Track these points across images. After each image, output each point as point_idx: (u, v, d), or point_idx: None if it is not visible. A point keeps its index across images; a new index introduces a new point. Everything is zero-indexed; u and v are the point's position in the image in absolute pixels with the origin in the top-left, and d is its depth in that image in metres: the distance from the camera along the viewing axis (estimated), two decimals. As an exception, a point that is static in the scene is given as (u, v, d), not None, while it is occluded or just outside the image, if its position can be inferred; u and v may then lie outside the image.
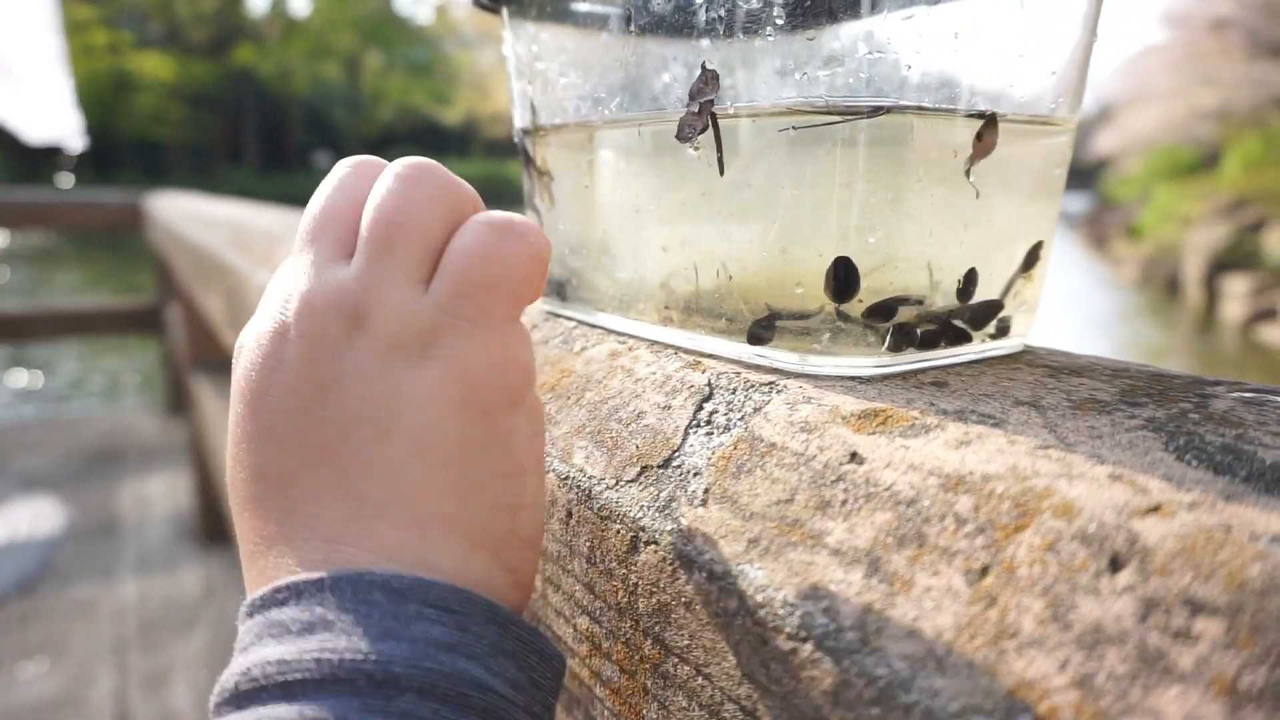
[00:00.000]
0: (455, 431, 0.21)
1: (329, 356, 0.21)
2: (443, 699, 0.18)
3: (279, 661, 0.18)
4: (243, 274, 0.97)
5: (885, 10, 0.24)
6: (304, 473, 0.21)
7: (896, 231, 0.26)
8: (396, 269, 0.21)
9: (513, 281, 0.21)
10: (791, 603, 0.20)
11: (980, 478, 0.19)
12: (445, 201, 0.22)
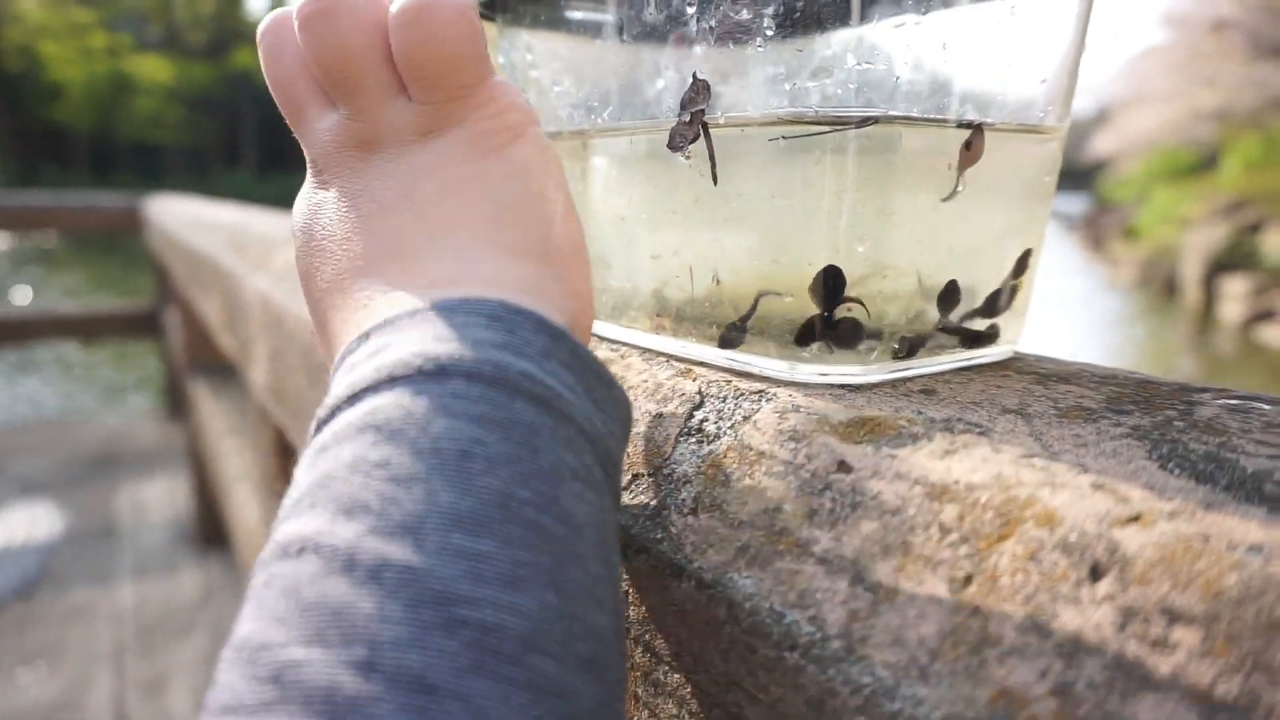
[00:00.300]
0: (471, 171, 0.23)
1: (355, 179, 0.24)
2: (490, 382, 0.19)
3: (348, 384, 0.19)
4: (239, 277, 0.97)
5: (874, 19, 0.24)
6: (364, 261, 0.23)
7: (886, 240, 0.26)
8: (374, 97, 0.23)
9: (456, 53, 0.22)
10: (778, 611, 0.20)
11: (965, 487, 0.19)
12: (372, 21, 0.23)
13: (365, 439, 0.17)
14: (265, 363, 0.82)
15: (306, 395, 0.64)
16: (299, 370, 0.66)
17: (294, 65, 0.24)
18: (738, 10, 0.26)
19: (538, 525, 0.17)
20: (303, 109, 0.25)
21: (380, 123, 0.24)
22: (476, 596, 0.15)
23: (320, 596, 0.15)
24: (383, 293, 0.22)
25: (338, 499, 0.17)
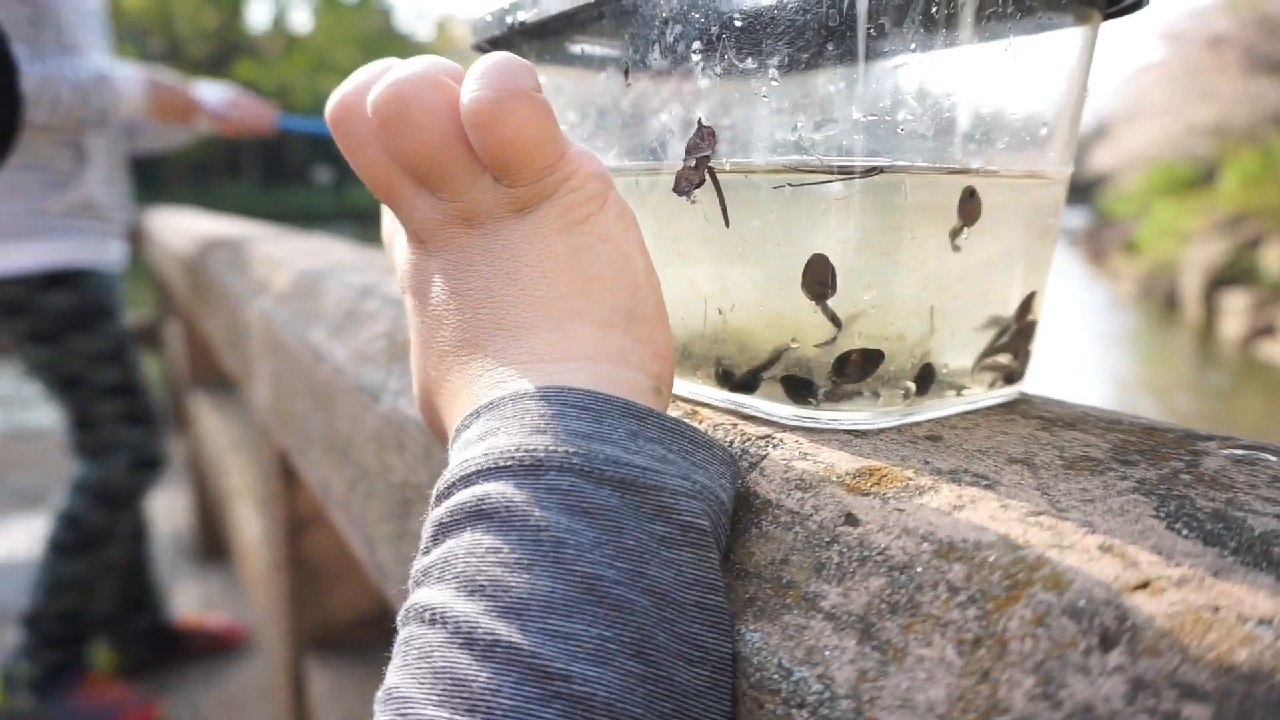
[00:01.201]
0: (562, 245, 0.25)
1: (459, 252, 0.26)
2: (579, 472, 0.21)
3: (461, 463, 0.22)
4: (243, 298, 0.98)
5: (877, 60, 0.24)
6: (473, 334, 0.25)
7: (890, 286, 0.26)
8: (462, 180, 0.25)
9: (534, 143, 0.24)
10: (786, 667, 0.20)
11: (973, 545, 0.19)
12: (443, 112, 0.24)
13: (480, 526, 0.21)
14: (267, 384, 0.82)
15: (309, 419, 0.64)
16: (302, 394, 0.66)
17: (376, 154, 0.25)
18: (743, 59, 0.26)
19: (623, 602, 0.19)
20: (394, 191, 0.26)
21: (474, 202, 0.25)
22: (569, 672, 0.18)
23: (448, 664, 0.19)
24: (490, 369, 0.25)
25: (459, 578, 0.20)
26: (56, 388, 1.47)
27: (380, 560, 0.50)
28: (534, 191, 0.25)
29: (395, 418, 0.45)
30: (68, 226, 1.43)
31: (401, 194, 0.26)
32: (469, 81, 0.23)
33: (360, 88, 0.25)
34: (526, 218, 0.25)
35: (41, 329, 1.42)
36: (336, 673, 1.01)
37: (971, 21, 0.25)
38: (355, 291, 0.67)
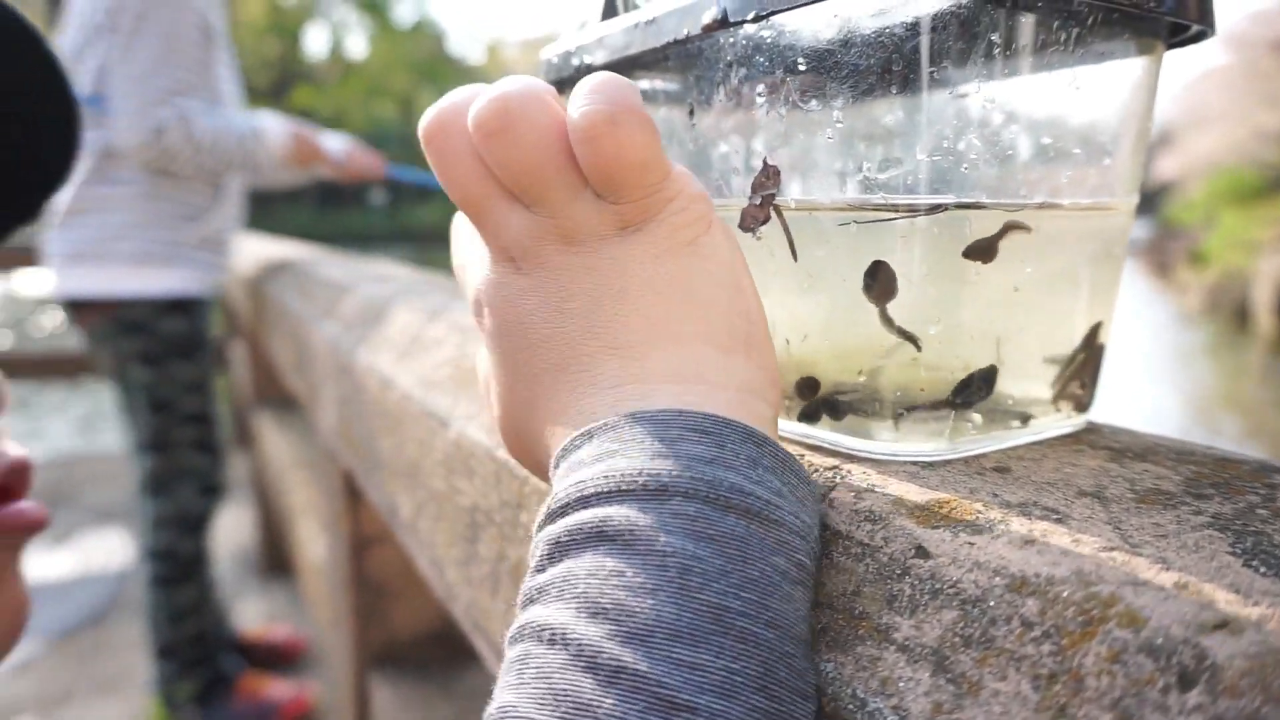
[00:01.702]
0: (675, 266, 0.25)
1: (560, 271, 0.25)
2: (705, 500, 0.21)
3: (578, 483, 0.22)
4: (308, 322, 1.01)
5: (943, 98, 0.25)
6: (582, 351, 0.25)
7: (955, 318, 0.26)
8: (563, 197, 0.24)
9: (642, 161, 0.24)
10: (860, 698, 0.21)
11: (1045, 580, 0.20)
12: (548, 127, 0.24)
13: (602, 548, 0.20)
14: (333, 407, 0.84)
15: (376, 443, 0.66)
16: (369, 418, 0.68)
17: (471, 168, 0.25)
18: (806, 100, 0.27)
19: (748, 634, 0.19)
20: (486, 206, 0.25)
21: (575, 219, 0.25)
22: (695, 704, 0.18)
23: (570, 687, 0.18)
24: (602, 389, 0.24)
25: (580, 599, 0.20)
26: (145, 409, 1.55)
27: (449, 582, 0.51)
28: (639, 209, 0.24)
29: (464, 443, 0.46)
30: (196, 257, 1.55)
31: (493, 210, 0.25)
32: (579, 97, 0.23)
33: (459, 104, 0.25)
34: (632, 237, 0.25)
35: (152, 351, 1.52)
36: (398, 689, 1.03)
37: (1033, 57, 0.25)
38: (420, 317, 0.69)
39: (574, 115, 0.23)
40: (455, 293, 0.82)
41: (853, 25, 0.25)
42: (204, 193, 1.55)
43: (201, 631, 1.65)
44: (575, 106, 0.23)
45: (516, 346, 0.26)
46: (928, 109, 0.25)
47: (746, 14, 0.26)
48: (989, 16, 0.24)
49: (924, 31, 0.24)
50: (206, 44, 1.48)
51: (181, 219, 1.52)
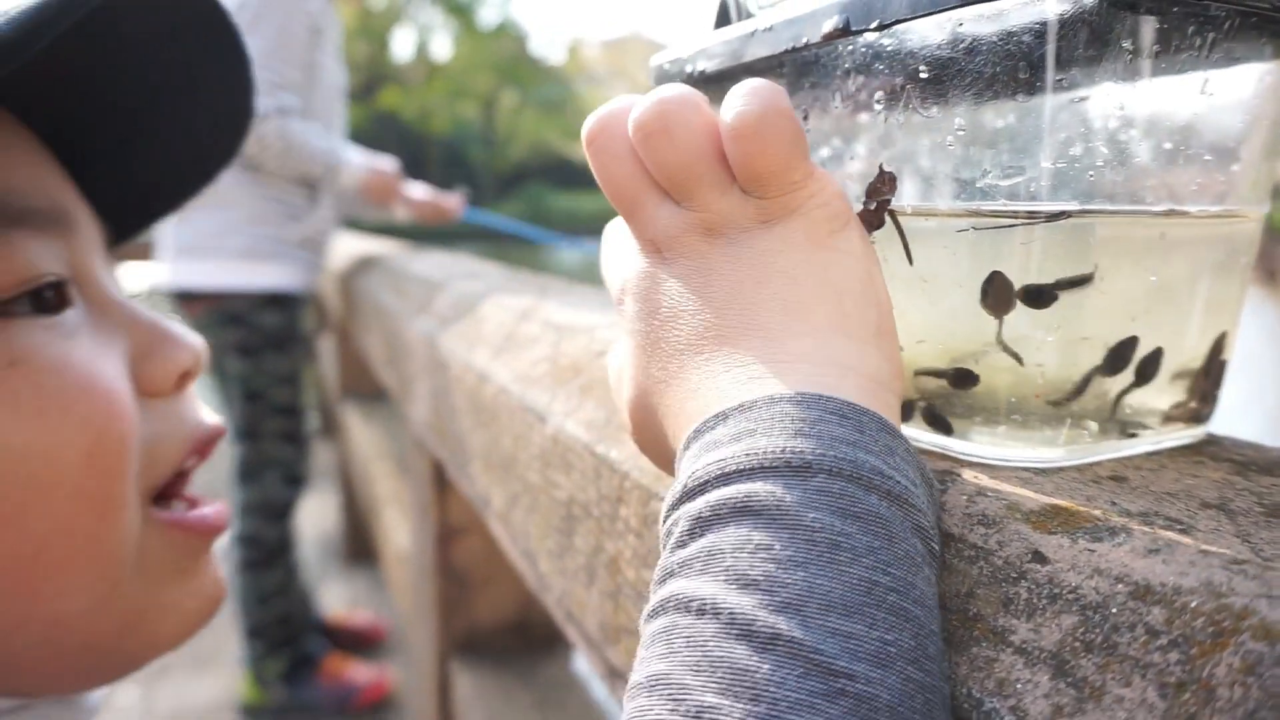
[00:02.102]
0: (813, 257, 0.26)
1: (702, 259, 0.27)
2: (849, 478, 0.21)
3: (718, 461, 0.22)
4: (402, 317, 1.04)
5: (1068, 104, 0.25)
6: (720, 333, 0.26)
7: (1074, 326, 0.26)
8: (711, 193, 0.26)
9: (787, 157, 0.25)
10: (976, 697, 0.21)
11: (1172, 590, 0.19)
12: (701, 128, 0.26)
13: (747, 522, 0.21)
14: (426, 400, 0.87)
15: (471, 436, 0.68)
16: (464, 412, 0.70)
17: (629, 167, 0.27)
18: (927, 107, 0.27)
19: (899, 608, 0.20)
20: (639, 203, 0.28)
21: (721, 212, 0.26)
22: (852, 671, 0.18)
23: (726, 654, 0.19)
24: (739, 366, 0.25)
25: (728, 572, 0.20)
26: (240, 399, 1.63)
27: (542, 572, 0.52)
28: (783, 204, 0.26)
29: (562, 438, 0.47)
30: (296, 255, 1.64)
31: (645, 204, 0.27)
32: (733, 100, 0.25)
33: (620, 109, 0.27)
34: (773, 229, 0.26)
35: (249, 343, 1.61)
36: (479, 676, 1.05)
37: (1164, 61, 0.25)
38: (514, 315, 0.71)
39: (727, 116, 0.25)
40: (544, 291, 0.84)
41: (977, 32, 0.25)
42: (302, 194, 1.63)
43: (287, 614, 1.72)
44: (729, 108, 0.25)
45: (655, 327, 0.27)
46: (1052, 115, 0.25)
47: (869, 23, 0.26)
48: (1120, 23, 0.24)
49: (1050, 39, 0.24)
50: (314, 46, 1.55)
51: (285, 218, 1.60)
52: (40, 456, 0.28)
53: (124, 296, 0.35)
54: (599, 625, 0.43)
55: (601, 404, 0.47)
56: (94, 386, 0.30)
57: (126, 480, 0.31)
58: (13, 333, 0.29)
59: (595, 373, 0.50)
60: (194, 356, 0.35)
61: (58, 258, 0.31)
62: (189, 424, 0.35)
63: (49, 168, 0.33)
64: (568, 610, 0.48)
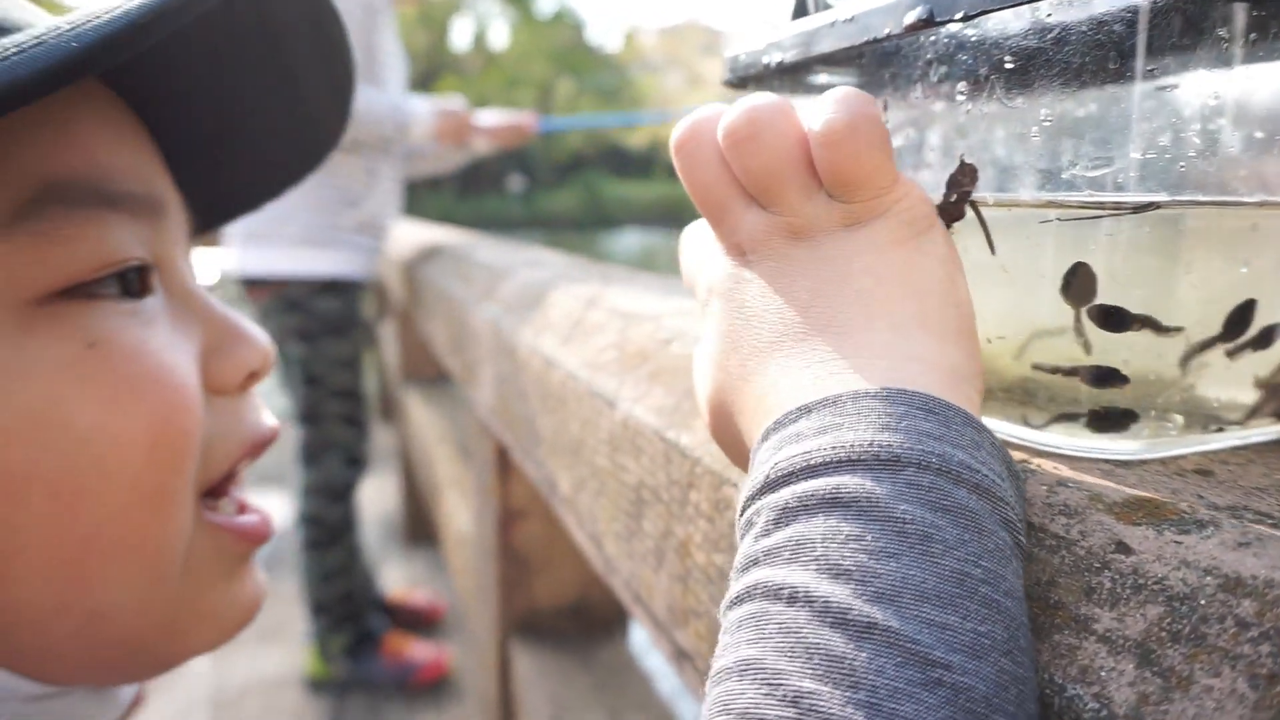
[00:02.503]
0: (897, 259, 0.26)
1: (787, 260, 0.27)
2: (938, 472, 0.21)
3: (803, 454, 0.22)
4: (466, 305, 1.06)
5: (1158, 94, 0.24)
6: (802, 330, 0.26)
7: (1161, 318, 0.26)
8: (798, 198, 0.27)
9: (876, 163, 0.26)
10: (1059, 683, 0.21)
11: (1264, 583, 0.19)
12: (791, 134, 0.26)
13: (836, 514, 0.21)
14: (491, 385, 0.89)
15: (537, 421, 0.69)
16: (530, 398, 0.72)
17: (717, 172, 0.28)
18: (1012, 98, 0.27)
19: (991, 600, 0.20)
20: (726, 208, 0.28)
21: (806, 216, 0.27)
22: (948, 661, 0.18)
23: (821, 641, 0.19)
24: (820, 361, 0.25)
25: (819, 562, 0.20)
26: (300, 383, 1.68)
27: (608, 555, 0.53)
28: (868, 208, 0.26)
29: (632, 423, 0.48)
30: (352, 241, 1.67)
31: (732, 209, 0.28)
32: (823, 106, 0.26)
33: (709, 116, 0.28)
34: (858, 231, 0.27)
35: (307, 328, 1.65)
36: (539, 657, 1.07)
37: (1258, 49, 0.25)
38: (580, 303, 0.72)
39: (816, 123, 0.26)
40: (608, 278, 0.85)
41: (1064, 21, 0.25)
42: (361, 179, 1.65)
43: (349, 591, 1.77)
44: (818, 115, 0.26)
45: (738, 326, 0.28)
46: (1141, 104, 0.24)
47: (954, 14, 0.26)
48: (1214, 10, 0.24)
49: (1141, 29, 0.24)
50: (371, 28, 1.57)
51: (341, 204, 1.63)
52: (106, 441, 0.29)
53: (201, 288, 0.36)
54: (667, 608, 0.44)
55: (670, 390, 0.47)
56: (166, 378, 0.30)
57: (185, 476, 0.31)
58: (95, 314, 0.29)
59: (662, 360, 0.51)
60: (263, 357, 0.36)
61: (145, 243, 0.32)
62: (248, 424, 0.35)
63: (149, 153, 0.34)
64: (635, 592, 0.49)
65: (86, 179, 0.30)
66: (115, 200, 0.31)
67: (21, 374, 0.28)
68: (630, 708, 0.97)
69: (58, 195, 0.29)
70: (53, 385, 0.28)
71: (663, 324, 0.57)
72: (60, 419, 0.28)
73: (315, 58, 0.38)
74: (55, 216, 0.28)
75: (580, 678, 1.03)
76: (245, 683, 1.83)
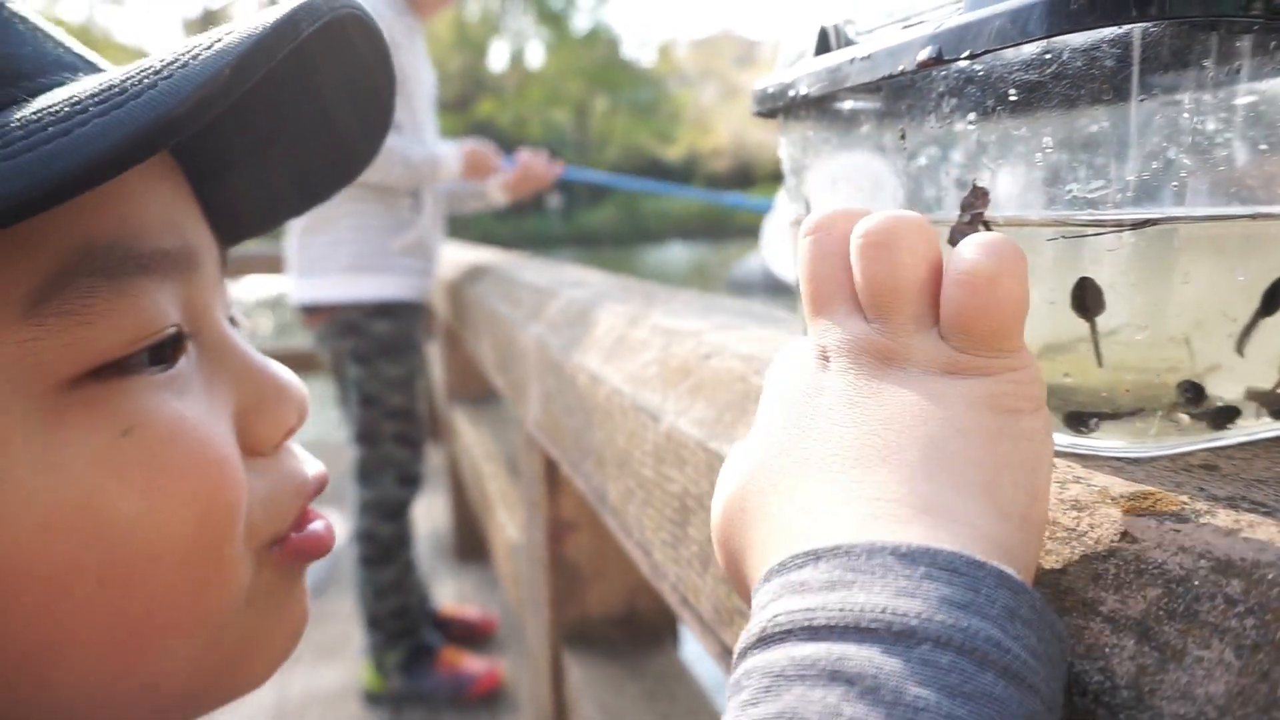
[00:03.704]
0: (987, 423, 0.24)
1: (869, 381, 0.25)
2: (959, 650, 0.19)
3: (805, 610, 0.20)
4: (514, 323, 1.10)
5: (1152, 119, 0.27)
6: (854, 455, 0.24)
7: (1163, 325, 0.28)
8: (908, 324, 0.25)
9: (1007, 324, 0.24)
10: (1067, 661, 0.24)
11: (1251, 564, 0.22)
12: (925, 259, 0.25)
13: (836, 690, 0.18)
14: (539, 402, 0.92)
15: (584, 435, 0.72)
16: (576, 412, 0.75)
17: (835, 268, 0.27)
18: (1018, 127, 0.29)
19: None
20: (830, 305, 0.27)
21: (910, 346, 0.25)
22: None
23: None
24: (861, 499, 0.23)
25: None
26: (357, 403, 1.74)
27: (656, 561, 0.56)
28: (979, 365, 0.25)
29: (676, 435, 0.51)
30: (403, 265, 1.74)
31: (835, 308, 0.27)
32: (969, 246, 0.24)
33: (849, 212, 0.27)
34: (956, 381, 0.25)
35: (362, 350, 1.71)
36: (589, 666, 1.10)
37: (1246, 72, 0.27)
38: (622, 320, 0.75)
39: (960, 260, 0.24)
40: (650, 297, 0.88)
41: (1062, 57, 0.27)
42: (407, 204, 1.72)
43: (403, 607, 1.82)
44: (965, 252, 0.24)
45: (791, 432, 0.26)
46: (1136, 130, 0.27)
47: (960, 53, 0.28)
48: (1200, 43, 0.26)
49: (1134, 61, 0.26)
50: (395, 45, 1.62)
51: (390, 230, 1.70)
52: (149, 528, 0.27)
53: (236, 336, 0.33)
54: (713, 608, 0.46)
55: (711, 403, 0.50)
56: (205, 455, 0.29)
57: (235, 543, 0.30)
58: (128, 393, 0.27)
59: (703, 375, 0.54)
60: (300, 414, 0.34)
61: (178, 302, 0.30)
62: (298, 477, 0.34)
63: (179, 193, 0.31)
64: (682, 596, 0.52)
65: (117, 241, 0.27)
66: (148, 262, 0.28)
67: (57, 468, 0.26)
68: (680, 714, 0.99)
69: (87, 265, 0.26)
70: (90, 478, 0.27)
71: (704, 340, 0.59)
72: (101, 510, 0.27)
73: (351, 96, 0.35)
74: (85, 289, 0.26)
75: (630, 686, 1.06)
76: (305, 697, 1.88)
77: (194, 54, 0.25)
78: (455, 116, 32.91)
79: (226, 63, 0.24)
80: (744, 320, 0.67)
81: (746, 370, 0.49)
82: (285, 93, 0.34)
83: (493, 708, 1.83)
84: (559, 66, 38.51)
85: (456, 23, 35.44)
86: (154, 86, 0.24)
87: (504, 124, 34.20)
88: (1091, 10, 0.25)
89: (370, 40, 0.32)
